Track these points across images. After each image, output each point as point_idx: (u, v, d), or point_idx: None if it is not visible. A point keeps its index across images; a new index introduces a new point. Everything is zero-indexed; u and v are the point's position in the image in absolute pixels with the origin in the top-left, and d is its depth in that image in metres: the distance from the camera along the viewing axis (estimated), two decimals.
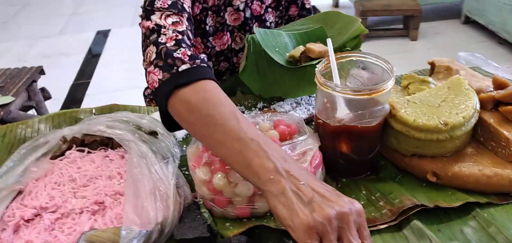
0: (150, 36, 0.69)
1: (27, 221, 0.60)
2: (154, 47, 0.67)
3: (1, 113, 1.39)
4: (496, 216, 0.59)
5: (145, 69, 0.69)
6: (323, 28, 0.89)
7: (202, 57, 0.66)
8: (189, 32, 0.73)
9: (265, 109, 0.86)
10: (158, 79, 0.64)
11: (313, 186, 0.49)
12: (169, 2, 0.72)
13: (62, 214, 0.60)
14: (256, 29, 0.85)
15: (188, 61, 0.64)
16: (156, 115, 0.83)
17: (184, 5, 0.75)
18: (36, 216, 0.61)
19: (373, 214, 0.60)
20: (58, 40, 3.65)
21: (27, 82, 1.57)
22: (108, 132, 0.70)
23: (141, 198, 0.57)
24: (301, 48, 0.84)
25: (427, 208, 0.59)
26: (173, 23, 0.70)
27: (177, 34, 0.68)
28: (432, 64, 0.85)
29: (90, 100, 2.54)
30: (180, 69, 0.62)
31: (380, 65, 0.63)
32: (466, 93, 0.66)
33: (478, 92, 0.69)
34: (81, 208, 0.60)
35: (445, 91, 0.67)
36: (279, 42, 0.87)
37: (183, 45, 0.67)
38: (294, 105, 0.83)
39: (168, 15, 0.71)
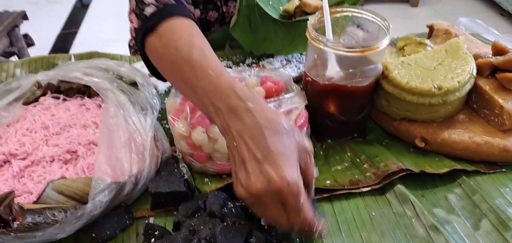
0: None
1: None
2: None
3: None
4: (482, 185, 0.57)
5: (130, 21, 0.63)
6: None
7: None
8: None
9: (253, 65, 0.82)
10: (134, 28, 0.60)
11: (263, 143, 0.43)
12: None
13: (32, 162, 0.57)
14: None
15: (154, 3, 0.57)
16: (138, 64, 0.79)
17: None
18: (5, 162, 0.58)
19: (356, 176, 0.58)
20: None
21: (8, 27, 1.50)
22: (85, 79, 0.66)
23: (115, 149, 0.54)
24: (296, 1, 0.79)
25: (412, 174, 0.57)
26: None
27: None
28: (431, 27, 0.81)
29: (77, 51, 2.45)
30: (147, 14, 0.57)
31: (376, 22, 0.60)
32: (464, 57, 0.63)
33: (476, 57, 0.66)
34: (52, 156, 0.57)
35: (442, 54, 0.64)
36: None
37: None
38: (284, 62, 0.80)
39: None
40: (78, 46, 2.52)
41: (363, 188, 0.56)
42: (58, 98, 0.68)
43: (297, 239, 0.50)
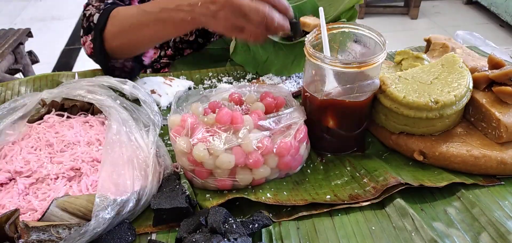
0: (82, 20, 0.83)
1: (1, 184, 0.58)
2: (81, 27, 0.82)
3: None
4: (481, 198, 0.58)
5: (83, 46, 0.83)
6: (314, 1, 0.85)
7: (109, 1, 0.80)
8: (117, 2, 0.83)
9: (253, 80, 0.83)
10: (90, 40, 0.79)
11: None
12: None
13: (37, 179, 0.58)
14: None
15: (97, 10, 0.78)
16: (141, 81, 0.80)
17: None
18: (10, 180, 0.59)
19: (356, 191, 0.58)
20: (50, 3, 3.56)
21: (13, 44, 1.52)
22: (89, 97, 0.67)
23: (118, 166, 0.55)
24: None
25: (411, 187, 0.58)
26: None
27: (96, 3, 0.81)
28: (428, 41, 0.83)
29: (81, 67, 2.47)
30: (95, 21, 0.77)
31: (372, 37, 0.61)
32: (460, 71, 0.64)
33: (473, 71, 0.67)
34: (56, 174, 0.58)
35: (438, 68, 0.65)
36: None
37: (97, 5, 0.81)
38: (284, 77, 0.81)
39: None
40: (82, 62, 2.55)
41: (363, 203, 0.56)
42: (62, 115, 0.69)
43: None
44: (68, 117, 0.70)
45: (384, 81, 0.61)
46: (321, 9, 0.63)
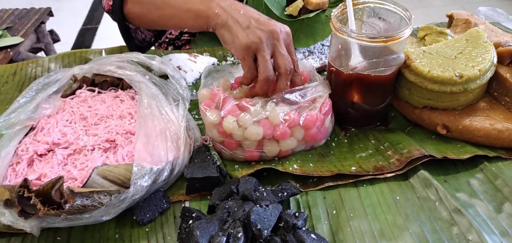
0: None
1: (40, 155, 0.61)
2: None
3: (11, 53, 1.39)
4: (504, 170, 0.59)
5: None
6: None
7: None
8: None
9: None
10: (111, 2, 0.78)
11: (250, 14, 0.60)
12: None
13: (74, 150, 0.61)
14: None
15: None
16: (167, 57, 0.82)
17: None
18: (48, 151, 0.62)
19: (380, 162, 0.60)
20: None
21: (35, 23, 1.55)
22: (119, 72, 0.70)
23: (152, 137, 0.58)
24: (299, 4, 0.82)
25: (434, 160, 0.59)
26: None
27: None
28: (451, 17, 0.82)
29: (98, 46, 2.52)
30: None
31: (398, 12, 0.61)
32: (484, 46, 0.64)
33: (496, 46, 0.67)
34: (92, 145, 0.60)
35: (462, 43, 0.65)
36: None
37: None
38: (307, 53, 0.82)
39: None
40: (99, 41, 2.58)
41: (387, 174, 0.58)
42: (93, 90, 0.72)
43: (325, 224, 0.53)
44: (99, 92, 0.72)
45: (408, 55, 0.62)
46: None
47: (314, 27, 0.81)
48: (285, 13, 0.82)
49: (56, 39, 1.86)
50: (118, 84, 0.73)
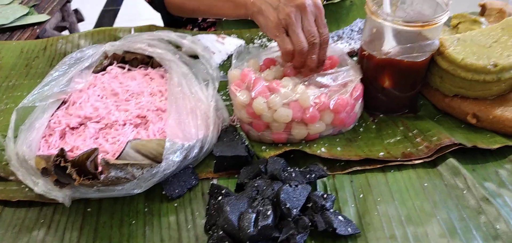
0: None
1: (72, 128, 0.63)
2: None
3: (37, 31, 1.41)
4: None
5: None
6: None
7: None
8: None
9: None
10: None
11: None
12: None
13: (106, 125, 0.62)
14: None
15: None
16: (196, 37, 0.83)
17: None
18: (80, 125, 0.63)
19: (409, 149, 0.60)
20: None
21: (61, 2, 1.57)
22: (149, 50, 0.70)
23: (182, 115, 0.59)
24: None
25: (462, 149, 0.59)
26: None
27: None
28: (483, 7, 0.81)
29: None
30: None
31: None
32: None
33: None
34: (124, 121, 0.62)
35: (498, 32, 0.64)
36: None
37: None
38: (336, 38, 0.82)
39: None
40: (121, 23, 2.61)
41: (416, 161, 0.58)
42: (124, 67, 0.73)
43: (352, 207, 0.54)
44: (129, 69, 0.73)
45: (443, 42, 0.61)
46: None
47: (338, 13, 0.81)
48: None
49: (80, 19, 1.88)
50: (148, 62, 0.74)
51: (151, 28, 0.87)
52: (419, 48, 0.57)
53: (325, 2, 0.81)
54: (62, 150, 0.51)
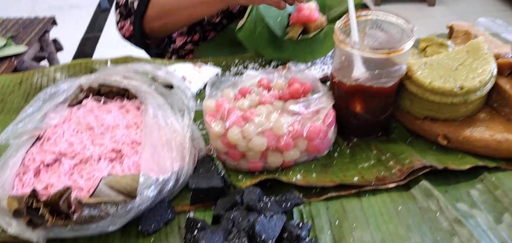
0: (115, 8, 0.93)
1: (47, 165, 0.62)
2: (117, 12, 0.93)
3: (15, 62, 1.40)
4: (504, 180, 0.60)
5: (119, 30, 0.94)
6: None
7: None
8: None
9: (279, 67, 0.86)
10: (128, 24, 0.90)
11: None
12: None
13: (81, 160, 0.62)
14: None
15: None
16: (172, 67, 0.84)
17: None
18: (55, 161, 0.63)
19: (382, 173, 0.61)
20: None
21: (39, 33, 1.57)
22: (125, 82, 0.71)
23: (158, 147, 0.59)
24: (299, 29, 0.84)
25: (435, 170, 0.60)
26: None
27: None
28: (451, 28, 0.84)
29: (101, 55, 2.54)
30: (135, 6, 0.87)
31: (400, 24, 0.63)
32: (485, 57, 0.65)
33: (496, 57, 0.68)
34: (99, 155, 0.61)
35: (463, 54, 0.66)
36: (282, 12, 0.86)
37: None
38: (309, 64, 0.83)
39: None
40: (102, 48, 2.60)
41: (389, 184, 0.59)
42: (99, 100, 0.73)
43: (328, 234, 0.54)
44: (104, 102, 0.73)
45: (410, 67, 0.63)
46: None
47: (313, 46, 0.84)
48: (286, 37, 0.84)
49: (59, 48, 1.87)
50: (124, 94, 0.74)
51: (128, 59, 0.87)
52: (388, 74, 0.59)
53: (299, 38, 0.83)
54: (34, 190, 0.50)
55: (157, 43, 1.01)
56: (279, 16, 0.86)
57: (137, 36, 0.91)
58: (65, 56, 2.32)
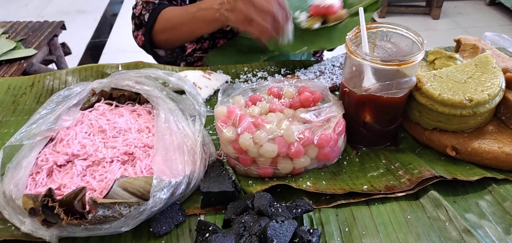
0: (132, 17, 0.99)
1: (60, 166, 0.63)
2: (132, 22, 0.99)
3: (24, 65, 1.42)
4: None
5: (135, 39, 1.01)
6: None
7: (156, 1, 0.96)
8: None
9: (288, 75, 0.87)
10: (141, 34, 0.96)
11: None
12: None
13: (93, 162, 0.62)
14: None
15: (147, 11, 0.95)
16: (183, 73, 0.85)
17: None
18: (68, 162, 0.64)
19: (391, 182, 0.61)
20: None
21: (48, 36, 1.59)
22: (137, 87, 0.72)
23: (170, 151, 0.60)
24: (319, 20, 0.85)
25: (444, 181, 0.61)
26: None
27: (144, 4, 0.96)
28: (458, 42, 0.85)
29: (107, 60, 2.56)
30: (146, 19, 0.94)
31: (410, 37, 0.64)
32: (493, 71, 0.66)
33: (504, 71, 0.69)
34: (111, 158, 0.62)
35: (472, 68, 0.67)
36: (303, 2, 0.88)
37: (145, 6, 0.96)
38: (318, 73, 0.84)
39: None
40: (109, 54, 2.63)
41: (398, 193, 0.60)
42: (111, 104, 0.74)
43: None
44: (116, 106, 0.74)
45: (420, 79, 0.64)
46: (361, 9, 0.66)
47: (332, 34, 0.85)
48: (304, 26, 0.86)
49: (67, 52, 1.89)
50: (136, 98, 0.75)
51: (138, 64, 0.88)
52: (398, 85, 0.60)
53: (321, 26, 0.85)
54: (50, 189, 0.51)
55: (170, 52, 1.09)
56: (299, 8, 0.88)
57: (147, 46, 0.97)
58: (72, 59, 2.35)
